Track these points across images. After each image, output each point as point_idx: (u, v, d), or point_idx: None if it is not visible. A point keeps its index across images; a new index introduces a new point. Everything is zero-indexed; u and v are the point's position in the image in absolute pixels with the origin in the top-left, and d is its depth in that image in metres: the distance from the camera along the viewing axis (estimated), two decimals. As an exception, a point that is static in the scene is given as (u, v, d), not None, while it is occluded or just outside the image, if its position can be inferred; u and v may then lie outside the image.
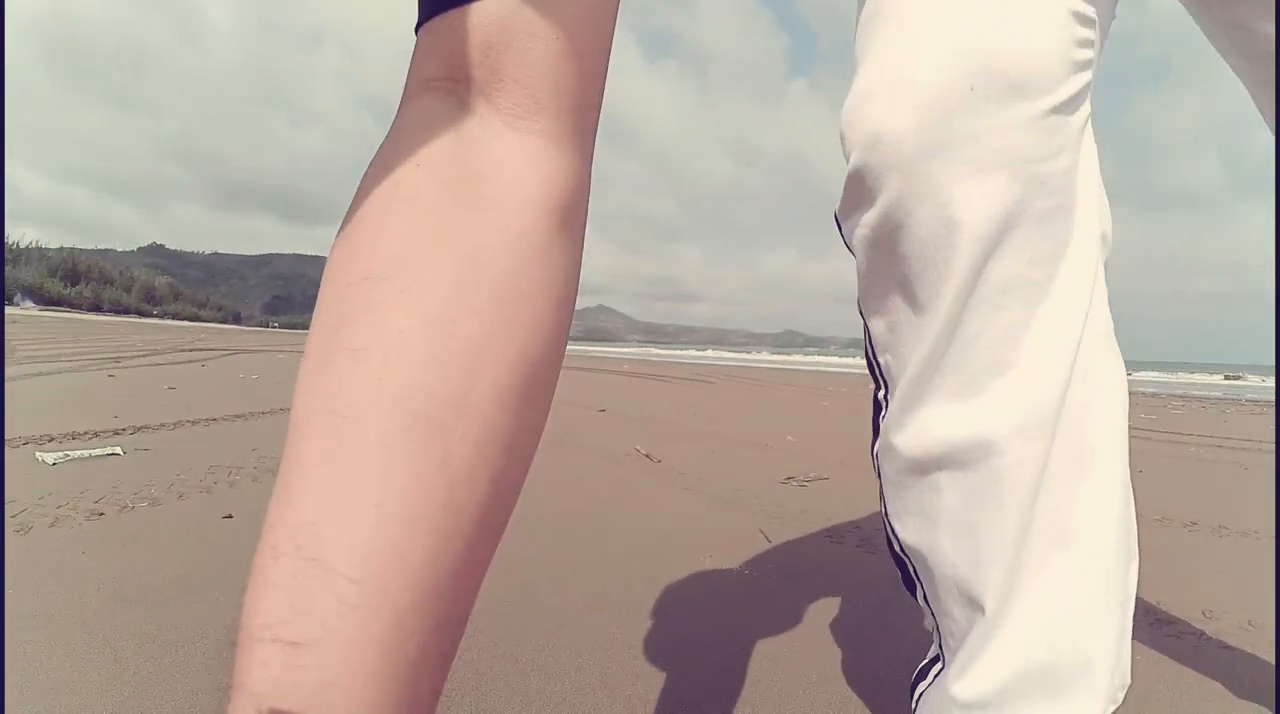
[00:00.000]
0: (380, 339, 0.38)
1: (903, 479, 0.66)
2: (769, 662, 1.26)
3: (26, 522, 1.83)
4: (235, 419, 3.91)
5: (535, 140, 0.45)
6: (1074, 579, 0.60)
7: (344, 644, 0.33)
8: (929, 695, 0.69)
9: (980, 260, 0.57)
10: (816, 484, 2.90)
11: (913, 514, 0.66)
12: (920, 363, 0.61)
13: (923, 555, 0.65)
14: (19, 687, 1.05)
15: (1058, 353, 0.58)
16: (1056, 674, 0.59)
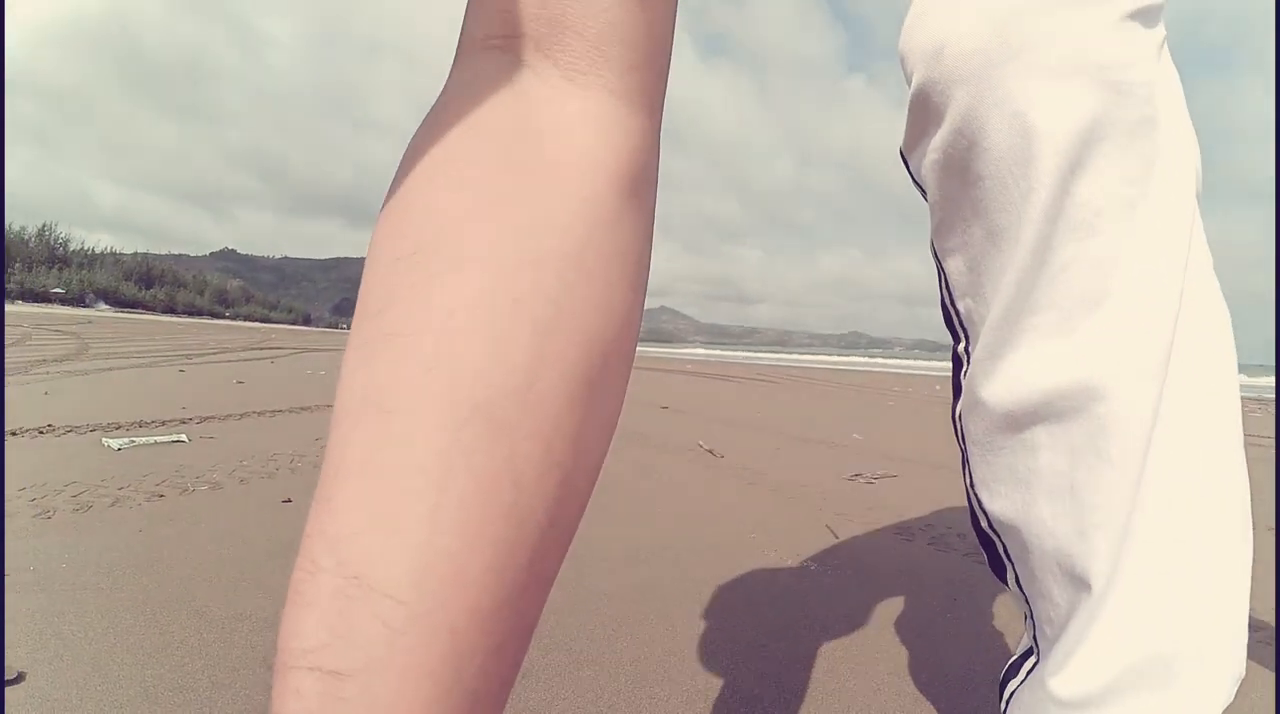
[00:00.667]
0: (430, 322, 0.33)
1: (992, 439, 0.56)
2: (835, 659, 1.19)
3: (86, 501, 1.85)
4: (301, 411, 3.98)
5: (600, 98, 0.40)
6: (1195, 551, 0.51)
7: (392, 674, 0.29)
8: (1022, 694, 0.59)
9: (1066, 174, 0.48)
10: (884, 481, 2.79)
11: (1004, 481, 0.56)
12: (1006, 300, 0.52)
13: (1016, 529, 0.55)
14: (59, 655, 1.04)
15: (1163, 281, 0.50)
16: (1172, 665, 0.50)
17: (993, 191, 0.51)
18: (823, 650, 1.22)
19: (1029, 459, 0.53)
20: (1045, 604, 0.56)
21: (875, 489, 2.63)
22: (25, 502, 1.82)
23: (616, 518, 2.01)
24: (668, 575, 1.55)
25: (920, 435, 4.48)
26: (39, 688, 0.95)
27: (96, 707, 0.92)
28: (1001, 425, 0.54)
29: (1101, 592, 0.50)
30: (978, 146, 0.51)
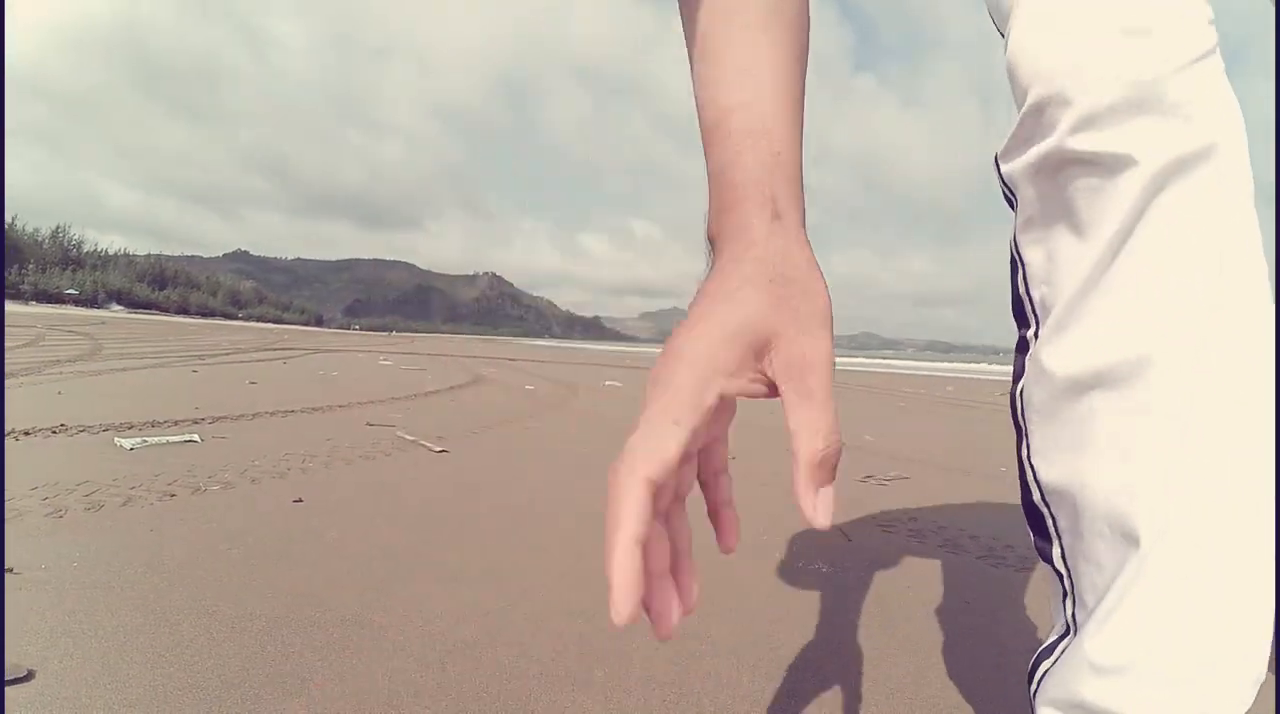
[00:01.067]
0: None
1: (1054, 406, 0.60)
2: (849, 662, 1.18)
3: (98, 500, 1.86)
4: (313, 411, 3.99)
5: None
6: (1239, 517, 0.52)
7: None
8: (1056, 671, 0.60)
9: (1156, 186, 0.54)
10: (896, 483, 2.78)
11: (1060, 447, 0.59)
12: (1079, 282, 0.57)
13: (1070, 494, 0.58)
14: (69, 653, 1.04)
15: (1217, 276, 0.54)
16: (1214, 634, 0.51)
17: (1085, 196, 0.56)
18: (836, 654, 1.21)
19: (1085, 424, 0.57)
20: (1091, 571, 0.58)
21: (887, 491, 2.61)
22: (38, 501, 1.82)
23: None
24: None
25: (932, 437, 4.46)
26: (49, 686, 0.95)
27: (106, 705, 0.92)
28: (1063, 392, 0.58)
29: (1150, 547, 0.52)
30: (1081, 160, 0.56)
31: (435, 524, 1.84)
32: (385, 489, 2.21)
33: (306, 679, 1.01)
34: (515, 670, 1.08)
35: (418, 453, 2.89)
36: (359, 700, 0.97)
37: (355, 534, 1.71)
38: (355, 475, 2.39)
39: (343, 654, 1.10)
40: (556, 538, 1.78)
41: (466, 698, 1.00)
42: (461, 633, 1.20)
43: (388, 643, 1.14)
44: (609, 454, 1.93)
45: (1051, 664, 0.61)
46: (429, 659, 1.10)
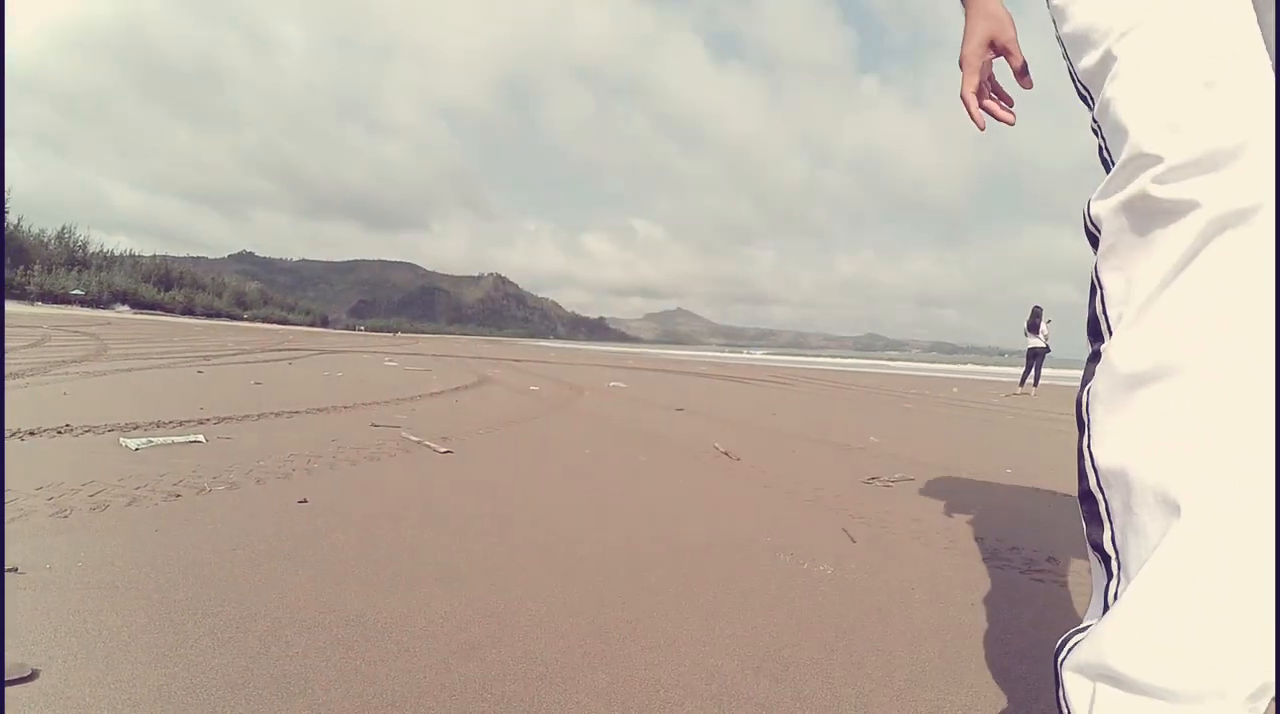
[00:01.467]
0: None
1: (1114, 396, 0.73)
2: (852, 665, 1.18)
3: (104, 500, 1.86)
4: (318, 412, 4.00)
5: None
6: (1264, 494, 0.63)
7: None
8: (1085, 641, 0.70)
9: (1214, 230, 0.70)
10: (901, 485, 2.77)
11: (1118, 433, 0.72)
12: (1145, 298, 0.72)
13: (1123, 473, 0.70)
14: (74, 653, 1.04)
15: (1257, 295, 0.69)
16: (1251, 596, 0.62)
17: (1159, 232, 0.72)
18: (840, 656, 1.20)
19: (1140, 411, 0.70)
20: (1139, 543, 0.68)
21: (892, 493, 2.61)
22: (43, 500, 1.83)
23: (631, 521, 2.01)
24: (682, 578, 1.54)
25: (938, 439, 4.45)
26: (53, 685, 0.95)
27: (110, 705, 0.92)
28: (1123, 384, 0.72)
29: (1190, 514, 0.63)
30: (1160, 206, 0.72)
31: (439, 525, 1.84)
32: (390, 490, 2.22)
33: (310, 680, 1.02)
34: (518, 671, 1.08)
35: (422, 454, 2.89)
36: (363, 701, 0.97)
37: (359, 535, 1.71)
38: (360, 476, 2.39)
39: (347, 655, 1.10)
40: (560, 539, 1.78)
41: (470, 699, 1.00)
42: (465, 634, 1.20)
43: (391, 643, 1.15)
44: (613, 455, 1.96)
45: (1084, 638, 0.70)
46: (433, 660, 1.10)
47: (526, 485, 2.40)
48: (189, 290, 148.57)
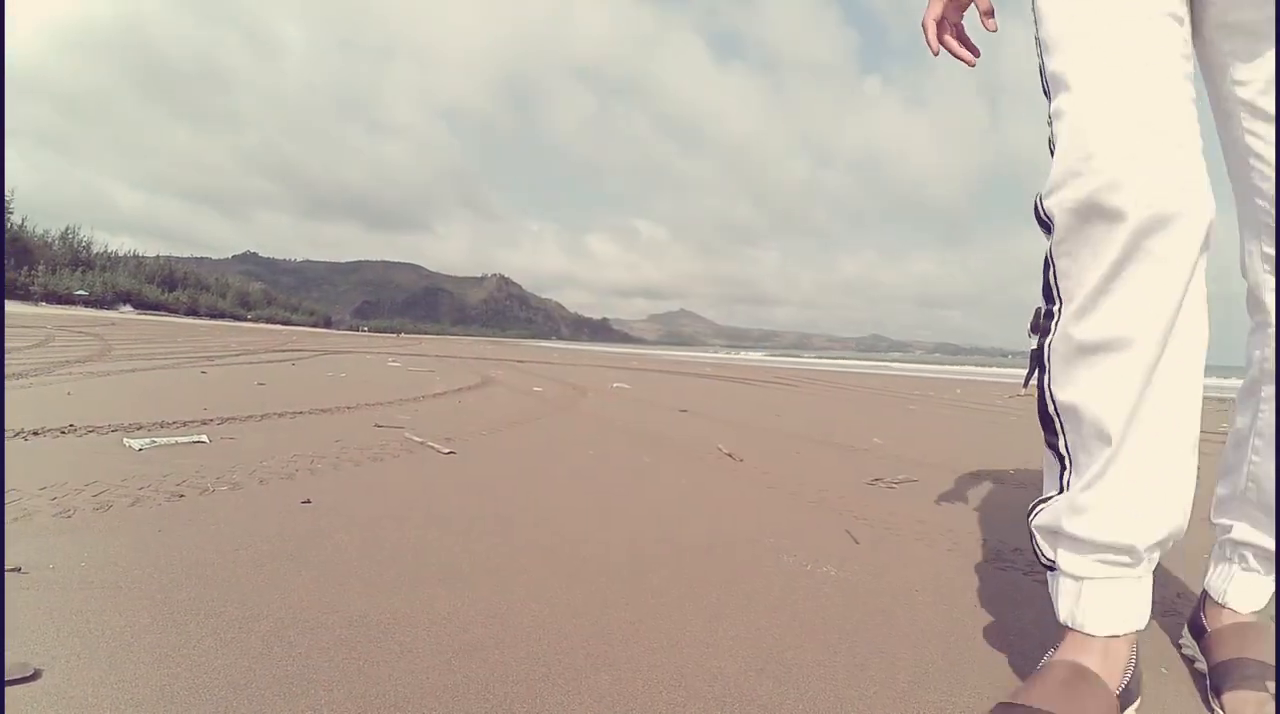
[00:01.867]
0: None
1: (1071, 357, 0.99)
2: (856, 668, 1.17)
3: (107, 500, 1.87)
4: (321, 413, 4.00)
5: None
6: (1168, 438, 0.97)
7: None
8: (1048, 509, 1.05)
9: (1142, 238, 0.91)
10: (905, 486, 2.77)
11: (1073, 382, 0.99)
12: (1095, 286, 0.95)
13: (1074, 408, 0.99)
14: (76, 653, 1.05)
15: (1178, 292, 0.93)
16: (1154, 495, 0.97)
17: (1100, 231, 0.93)
18: (843, 658, 1.20)
19: (1090, 371, 0.97)
20: (1084, 458, 1.00)
21: (896, 494, 2.60)
22: (46, 500, 1.83)
23: (634, 522, 2.01)
24: (685, 580, 1.54)
25: (942, 440, 4.45)
26: (56, 685, 0.95)
27: (113, 705, 0.92)
28: (1081, 350, 0.98)
29: (1117, 446, 0.95)
30: (1102, 210, 0.92)
31: (443, 526, 1.84)
32: (393, 491, 2.22)
33: (313, 680, 1.02)
34: (521, 672, 1.08)
35: (426, 454, 2.89)
36: (365, 702, 0.97)
37: (363, 535, 1.71)
38: (363, 477, 2.39)
39: (349, 655, 1.10)
40: (564, 540, 1.78)
41: (472, 700, 1.00)
42: (468, 634, 1.20)
43: (394, 644, 1.15)
44: (616, 456, 1.96)
45: (1046, 506, 1.06)
46: (436, 660, 1.10)
47: (530, 486, 2.40)
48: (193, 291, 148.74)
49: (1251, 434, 1.16)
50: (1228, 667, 1.08)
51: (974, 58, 1.32)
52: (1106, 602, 0.98)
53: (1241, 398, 1.19)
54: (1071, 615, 1.00)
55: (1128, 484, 0.95)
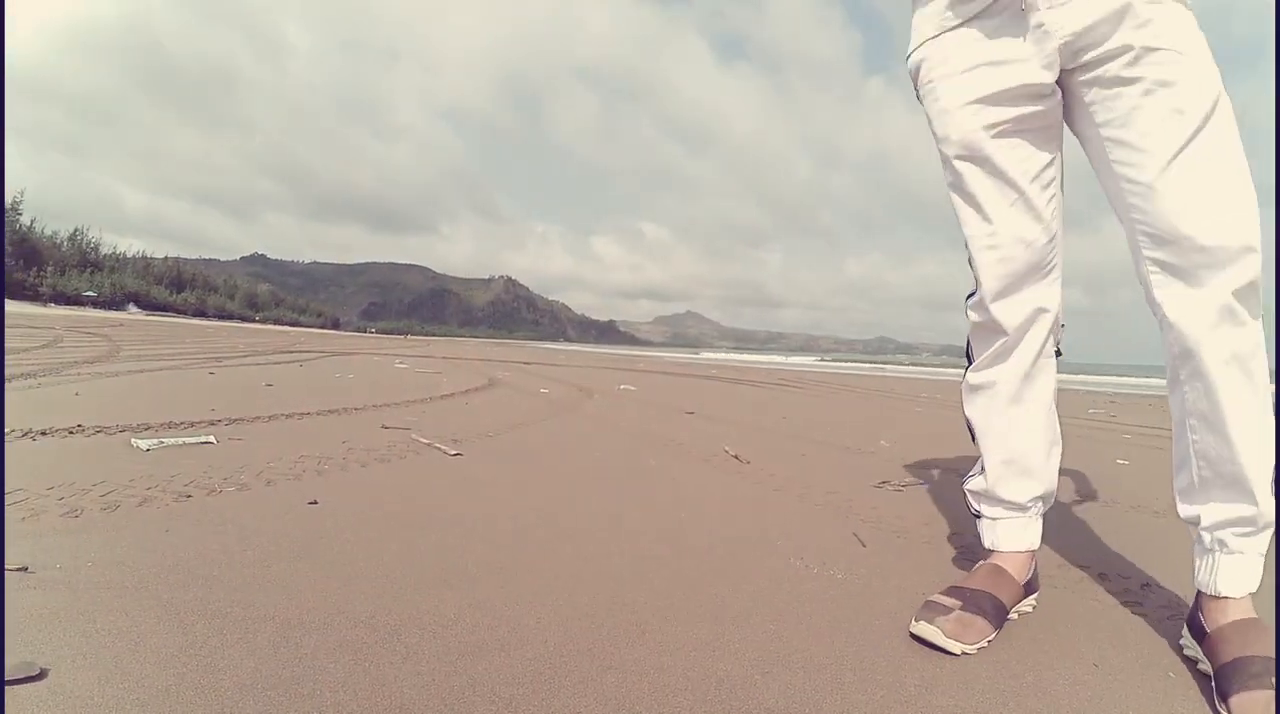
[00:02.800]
0: None
1: (968, 392, 1.57)
2: (863, 672, 1.17)
3: (114, 501, 1.87)
4: (329, 414, 4.00)
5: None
6: (1036, 436, 1.50)
7: None
8: (976, 478, 1.57)
9: (1014, 338, 1.45)
10: (912, 490, 2.75)
11: (969, 406, 1.57)
12: (987, 357, 1.50)
13: (971, 421, 1.56)
14: (82, 653, 1.05)
15: (1030, 358, 1.46)
16: (1024, 472, 1.49)
17: (988, 333, 1.51)
18: (850, 661, 1.20)
19: (972, 398, 1.56)
20: (985, 447, 1.55)
21: (903, 497, 2.59)
22: (54, 500, 1.84)
23: (640, 524, 2.00)
24: (691, 582, 1.54)
25: (949, 443, 4.43)
26: (61, 685, 0.96)
27: (118, 705, 0.92)
28: (968, 388, 1.56)
29: (1002, 439, 1.51)
30: (992, 327, 1.48)
31: (449, 527, 1.84)
32: (400, 492, 2.22)
33: (319, 681, 1.02)
34: (527, 675, 1.08)
35: (432, 456, 2.89)
36: (372, 704, 0.97)
37: (369, 536, 1.71)
38: (370, 478, 2.39)
39: (356, 657, 1.10)
40: (570, 541, 1.78)
41: (478, 702, 0.99)
42: (474, 636, 1.20)
43: (401, 645, 1.14)
44: (623, 458, 1.96)
45: (974, 476, 1.59)
46: (442, 663, 1.10)
47: (536, 488, 2.40)
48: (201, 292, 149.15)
49: (1185, 417, 1.25)
50: (1232, 668, 1.11)
51: None
52: (1010, 532, 1.50)
53: (1170, 390, 1.29)
54: (993, 542, 1.52)
55: (1009, 465, 1.50)
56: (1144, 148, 1.19)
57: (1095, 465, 3.55)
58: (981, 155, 1.34)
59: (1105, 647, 1.32)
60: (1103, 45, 1.22)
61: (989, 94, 1.32)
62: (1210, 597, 1.25)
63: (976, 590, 1.36)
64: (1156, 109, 1.18)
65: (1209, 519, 1.25)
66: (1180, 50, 1.18)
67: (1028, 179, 1.35)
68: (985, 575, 1.43)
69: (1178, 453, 1.30)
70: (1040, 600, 1.53)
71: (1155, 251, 1.20)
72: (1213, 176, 1.16)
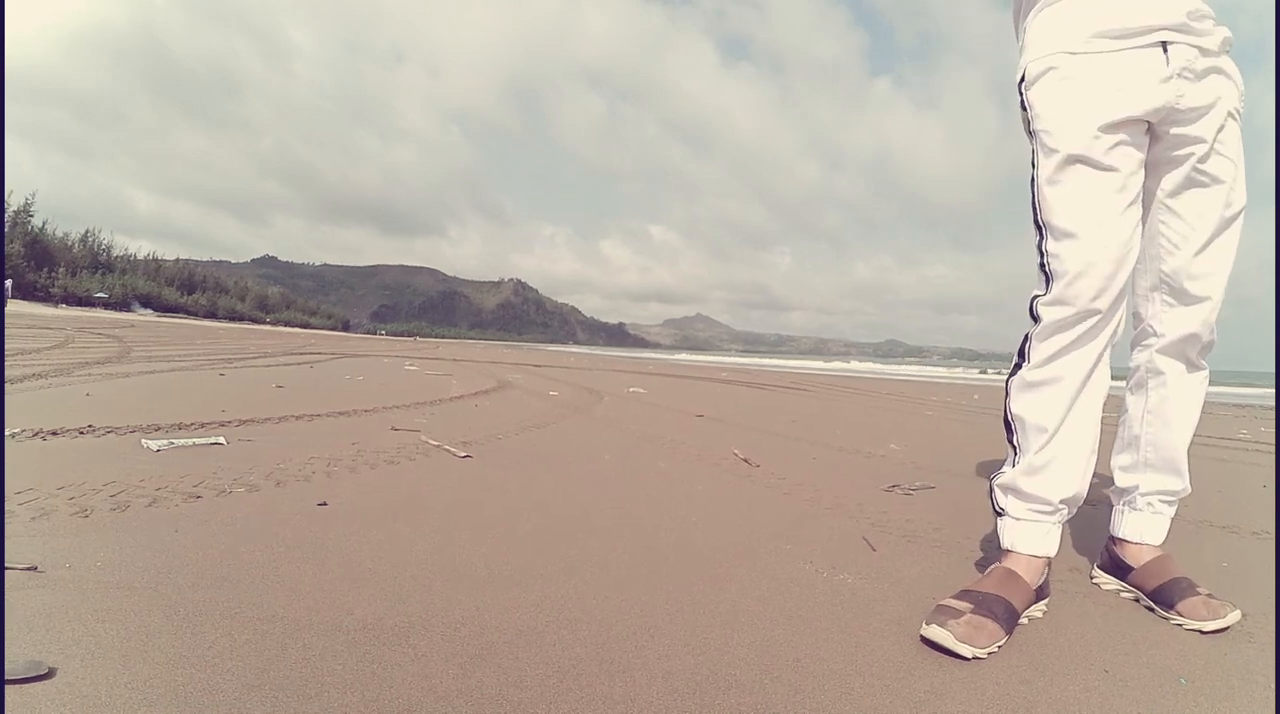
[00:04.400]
0: None
1: (1022, 388, 1.55)
2: (872, 676, 1.16)
3: (124, 501, 1.88)
4: (339, 416, 4.01)
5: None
6: (1086, 435, 1.52)
7: None
8: (1005, 474, 1.56)
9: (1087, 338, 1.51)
10: (922, 493, 2.75)
11: (1019, 403, 1.55)
12: (1050, 355, 1.51)
13: (1019, 417, 1.55)
14: (91, 652, 1.05)
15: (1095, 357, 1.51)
16: (1065, 472, 1.50)
17: (1066, 331, 1.51)
18: (859, 666, 1.19)
19: (1030, 395, 1.53)
20: (1028, 446, 1.52)
21: (913, 501, 2.59)
22: (64, 500, 1.85)
23: (649, 526, 2.00)
24: (700, 585, 1.53)
25: (959, 446, 4.42)
26: (70, 684, 0.96)
27: (126, 704, 0.92)
28: (1028, 385, 1.53)
29: (1054, 433, 1.50)
30: (1075, 320, 1.49)
31: (458, 529, 1.85)
32: (409, 494, 2.22)
33: (327, 683, 1.02)
34: (535, 678, 1.08)
35: (442, 458, 2.90)
36: (380, 706, 0.97)
37: (378, 538, 1.72)
38: (380, 480, 2.40)
39: (364, 659, 1.10)
40: (579, 544, 1.78)
41: (485, 704, 0.99)
42: (482, 638, 1.20)
43: (409, 648, 1.15)
44: (632, 461, 1.96)
45: (1004, 472, 1.56)
46: (450, 665, 1.10)
47: (545, 491, 2.40)
48: (212, 294, 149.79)
49: (1144, 412, 1.67)
50: (1169, 586, 1.53)
51: None
52: (1031, 535, 1.51)
53: (1132, 390, 1.71)
54: (1012, 543, 1.52)
55: (1050, 463, 1.49)
56: (1194, 225, 1.52)
57: (1102, 468, 3.53)
58: (1101, 163, 1.44)
59: (1116, 652, 1.32)
60: (1189, 127, 1.47)
61: (1113, 115, 1.43)
62: (1134, 544, 1.65)
63: (989, 594, 1.38)
64: (1212, 200, 1.50)
65: (1146, 487, 1.66)
66: (1235, 162, 1.50)
67: (1134, 192, 1.48)
68: (998, 579, 1.45)
69: (1125, 438, 1.72)
70: (1050, 605, 1.52)
71: (1169, 299, 1.60)
72: (1224, 269, 1.55)
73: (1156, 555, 1.62)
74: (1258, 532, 2.41)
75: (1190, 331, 1.58)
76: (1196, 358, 1.62)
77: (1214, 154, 1.48)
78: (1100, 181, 1.43)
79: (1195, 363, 1.63)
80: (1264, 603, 1.62)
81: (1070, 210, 1.45)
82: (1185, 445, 1.64)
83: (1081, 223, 1.43)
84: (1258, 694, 1.18)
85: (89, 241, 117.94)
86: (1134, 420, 1.69)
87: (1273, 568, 1.94)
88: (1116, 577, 1.68)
